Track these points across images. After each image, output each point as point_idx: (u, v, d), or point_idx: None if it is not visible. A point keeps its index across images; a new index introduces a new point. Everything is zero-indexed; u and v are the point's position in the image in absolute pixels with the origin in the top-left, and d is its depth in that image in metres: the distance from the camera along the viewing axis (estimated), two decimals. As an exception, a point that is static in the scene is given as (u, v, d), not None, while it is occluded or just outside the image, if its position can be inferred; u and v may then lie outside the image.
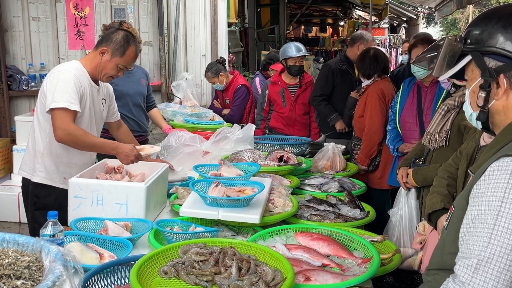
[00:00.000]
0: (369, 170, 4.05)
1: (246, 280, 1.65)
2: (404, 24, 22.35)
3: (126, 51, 2.79)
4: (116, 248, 2.15)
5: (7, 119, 5.75)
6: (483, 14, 1.44)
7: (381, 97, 3.98)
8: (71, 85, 2.66)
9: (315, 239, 2.18)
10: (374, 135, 3.98)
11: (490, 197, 1.20)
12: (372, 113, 3.98)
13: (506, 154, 1.23)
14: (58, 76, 2.68)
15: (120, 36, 2.80)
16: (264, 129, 4.86)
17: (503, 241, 1.15)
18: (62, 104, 2.60)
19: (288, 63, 4.69)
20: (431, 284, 1.42)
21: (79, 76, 2.73)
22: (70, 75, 2.69)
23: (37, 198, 2.84)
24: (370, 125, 3.99)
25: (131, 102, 4.16)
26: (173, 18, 5.78)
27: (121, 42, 2.79)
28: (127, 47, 2.80)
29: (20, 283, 1.29)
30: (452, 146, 2.85)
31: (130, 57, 2.83)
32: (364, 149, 4.02)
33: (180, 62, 5.92)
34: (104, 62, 2.79)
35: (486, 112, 1.39)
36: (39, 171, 2.83)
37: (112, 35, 2.81)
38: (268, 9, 12.47)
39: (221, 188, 2.40)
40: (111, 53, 2.78)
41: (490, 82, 1.36)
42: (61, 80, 2.66)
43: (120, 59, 2.79)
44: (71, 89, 2.64)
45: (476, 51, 1.39)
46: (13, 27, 5.90)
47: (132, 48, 2.81)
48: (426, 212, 2.39)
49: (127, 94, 4.08)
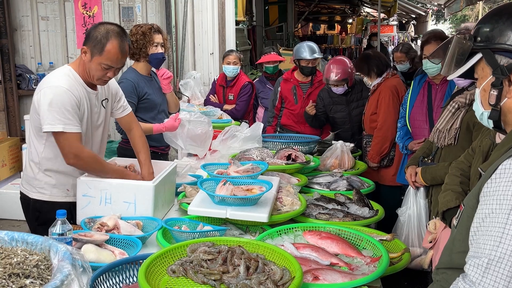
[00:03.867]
0: (383, 165, 4.04)
1: (254, 279, 1.64)
2: (413, 21, 22.24)
3: (105, 47, 2.45)
4: (126, 246, 2.16)
5: (17, 118, 5.79)
6: (493, 11, 1.42)
7: (394, 94, 3.99)
8: (65, 104, 2.42)
9: (324, 238, 2.17)
10: (387, 132, 3.98)
11: (501, 195, 1.18)
12: (386, 109, 3.98)
13: None
14: (50, 95, 2.42)
15: (98, 31, 2.48)
16: (275, 126, 4.85)
17: None
18: (57, 128, 2.40)
19: (300, 63, 4.68)
20: (440, 284, 1.40)
21: (72, 87, 2.48)
22: (62, 90, 2.43)
23: (39, 212, 2.67)
24: (383, 121, 3.99)
25: (160, 112, 3.72)
26: (181, 16, 5.79)
27: (98, 38, 2.46)
28: (105, 42, 2.45)
29: (29, 282, 1.29)
30: (461, 144, 2.83)
31: (111, 53, 2.46)
32: (376, 146, 4.01)
33: (188, 60, 5.93)
34: (87, 63, 2.51)
35: (498, 110, 1.37)
36: (39, 188, 2.65)
37: (92, 32, 2.50)
38: (276, 7, 12.45)
39: (228, 186, 2.40)
40: (90, 52, 2.48)
41: (502, 80, 1.34)
42: (54, 100, 2.41)
43: (100, 57, 2.47)
44: (65, 109, 2.41)
45: (487, 49, 1.37)
46: (22, 27, 5.94)
47: (112, 43, 2.46)
48: (440, 210, 2.36)
49: (157, 104, 3.65)
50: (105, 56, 2.47)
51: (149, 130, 3.39)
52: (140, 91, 3.49)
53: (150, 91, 3.57)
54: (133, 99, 3.41)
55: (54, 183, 2.64)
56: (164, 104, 3.75)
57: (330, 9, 17.99)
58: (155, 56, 3.54)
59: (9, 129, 5.77)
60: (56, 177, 2.64)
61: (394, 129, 3.97)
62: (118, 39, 2.49)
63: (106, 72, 2.52)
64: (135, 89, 3.45)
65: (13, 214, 5.21)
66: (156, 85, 3.72)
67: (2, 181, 5.35)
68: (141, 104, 3.52)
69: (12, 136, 5.74)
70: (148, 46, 3.51)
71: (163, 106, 3.72)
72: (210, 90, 5.53)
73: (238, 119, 4.93)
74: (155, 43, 3.52)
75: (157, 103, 3.61)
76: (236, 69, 5.15)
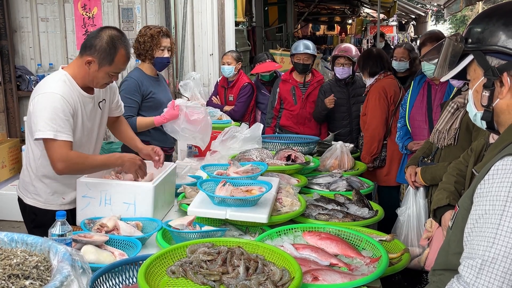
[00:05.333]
0: (376, 166, 4.07)
1: (254, 280, 1.64)
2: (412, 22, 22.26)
3: (115, 58, 2.47)
4: (125, 247, 2.16)
5: (17, 119, 5.80)
6: (484, 12, 1.42)
7: (381, 94, 4.03)
8: (58, 110, 2.37)
9: (323, 239, 2.17)
10: (374, 132, 4.04)
11: (494, 196, 1.18)
12: (372, 110, 4.04)
13: (510, 153, 1.21)
14: (43, 102, 2.39)
15: (104, 41, 2.45)
16: (274, 128, 4.85)
17: (508, 241, 1.14)
18: (48, 134, 2.34)
19: (294, 59, 4.69)
20: (437, 285, 1.41)
21: (67, 94, 2.43)
22: (56, 98, 2.39)
23: (35, 215, 2.66)
24: (370, 121, 4.06)
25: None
26: (181, 17, 5.79)
27: (107, 49, 2.45)
28: (114, 53, 2.46)
29: (29, 283, 1.29)
30: (461, 145, 2.83)
31: (121, 61, 2.50)
32: (365, 146, 4.08)
33: (188, 61, 5.93)
34: (93, 73, 2.48)
35: (490, 111, 1.37)
36: (34, 194, 2.63)
37: (94, 42, 2.46)
38: (276, 8, 12.45)
39: (228, 187, 2.40)
40: (98, 63, 2.46)
41: (494, 81, 1.34)
42: (47, 107, 2.37)
43: (109, 68, 2.48)
44: (57, 116, 2.36)
45: (478, 50, 1.37)
46: (22, 28, 5.95)
47: (121, 52, 2.48)
48: (432, 208, 2.38)
49: (162, 103, 3.58)
50: (115, 66, 2.50)
51: (150, 124, 3.42)
52: (144, 90, 3.51)
53: (156, 90, 3.58)
54: (136, 97, 3.43)
55: (49, 191, 2.62)
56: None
57: (329, 9, 18.01)
58: (160, 60, 3.57)
59: (9, 130, 5.78)
60: (52, 185, 2.61)
61: (382, 129, 4.03)
62: (124, 45, 2.51)
63: (112, 77, 2.55)
64: (138, 88, 3.47)
65: (12, 215, 5.20)
66: (162, 86, 3.74)
67: (1, 183, 5.35)
68: (146, 103, 3.54)
69: (12, 137, 5.75)
70: (154, 49, 3.54)
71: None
72: (212, 91, 5.54)
73: (237, 120, 4.92)
74: (162, 46, 3.54)
75: (162, 102, 3.60)
76: (230, 69, 5.13)
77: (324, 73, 7.66)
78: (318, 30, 20.41)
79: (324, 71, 8.31)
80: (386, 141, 4.08)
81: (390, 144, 4.03)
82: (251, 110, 5.29)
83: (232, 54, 5.20)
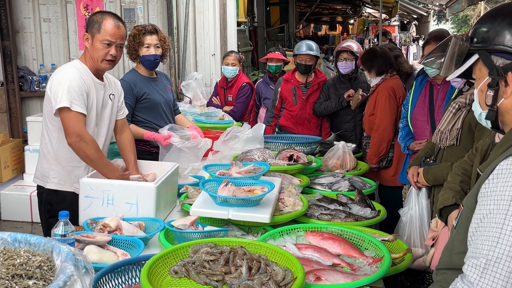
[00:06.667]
0: (382, 166, 4.06)
1: (256, 280, 1.65)
2: (414, 22, 22.21)
3: (102, 25, 2.70)
4: (128, 247, 2.16)
5: (19, 120, 5.80)
6: (489, 12, 1.43)
7: (391, 95, 4.00)
8: (74, 85, 2.62)
9: (326, 239, 2.17)
10: (383, 133, 4.00)
11: (499, 196, 1.18)
12: (382, 110, 4.00)
13: None
14: (59, 79, 2.65)
15: (94, 16, 2.76)
16: (274, 127, 4.84)
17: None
18: (63, 103, 2.57)
19: (296, 60, 4.68)
20: (441, 284, 1.41)
21: (82, 75, 2.70)
22: (73, 76, 2.65)
23: (50, 205, 2.81)
24: (380, 122, 4.02)
25: (162, 112, 3.70)
26: (183, 17, 5.80)
27: (94, 19, 2.73)
28: (101, 19, 2.72)
29: (32, 283, 1.30)
30: (463, 145, 2.83)
31: (109, 28, 2.71)
32: (373, 147, 4.03)
33: (190, 61, 5.94)
34: (91, 48, 2.73)
35: (495, 111, 1.38)
36: (53, 177, 2.80)
37: (89, 19, 2.78)
38: (278, 8, 12.45)
39: (230, 187, 2.40)
40: (91, 35, 2.72)
41: (498, 80, 1.35)
42: (63, 82, 2.62)
43: (99, 35, 2.70)
44: (73, 90, 2.61)
45: (483, 50, 1.37)
46: (24, 28, 5.96)
47: (107, 19, 2.72)
48: (438, 207, 2.38)
49: (158, 104, 3.64)
50: (104, 32, 2.70)
51: (139, 135, 3.45)
52: (138, 91, 3.52)
53: (150, 91, 3.58)
54: (129, 99, 3.43)
55: (65, 173, 2.79)
56: (168, 104, 3.74)
57: (331, 9, 18.01)
58: (146, 58, 3.56)
59: (12, 130, 5.78)
60: (66, 168, 2.78)
61: (391, 130, 4.01)
62: (112, 16, 2.77)
63: (108, 49, 2.71)
64: (131, 90, 3.48)
65: (15, 216, 5.23)
66: (160, 85, 3.73)
67: (4, 183, 5.36)
68: (140, 104, 3.55)
69: (15, 137, 5.75)
70: (138, 48, 3.55)
71: (166, 106, 3.71)
72: (212, 92, 5.53)
73: (236, 120, 4.91)
74: (146, 44, 3.54)
75: (157, 102, 3.62)
76: (234, 70, 5.14)
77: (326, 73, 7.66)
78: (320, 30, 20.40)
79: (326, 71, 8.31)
80: (393, 142, 4.05)
81: (397, 145, 3.99)
82: (251, 110, 5.29)
83: (236, 55, 5.22)
